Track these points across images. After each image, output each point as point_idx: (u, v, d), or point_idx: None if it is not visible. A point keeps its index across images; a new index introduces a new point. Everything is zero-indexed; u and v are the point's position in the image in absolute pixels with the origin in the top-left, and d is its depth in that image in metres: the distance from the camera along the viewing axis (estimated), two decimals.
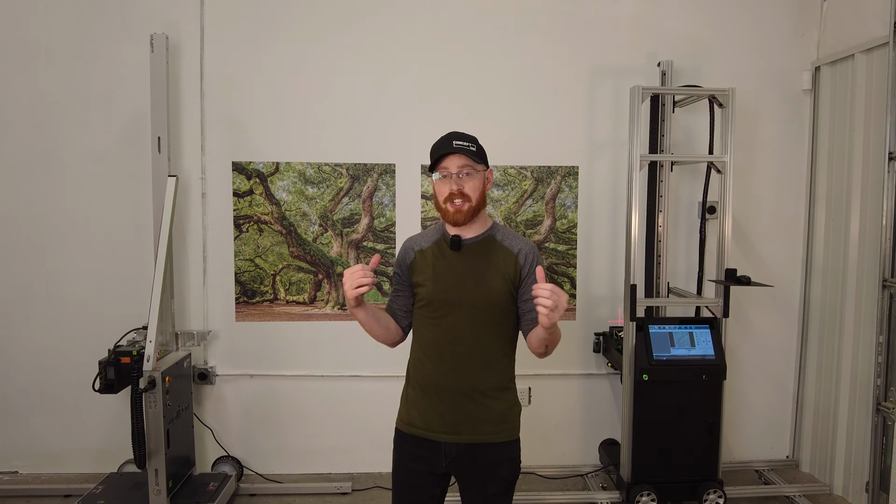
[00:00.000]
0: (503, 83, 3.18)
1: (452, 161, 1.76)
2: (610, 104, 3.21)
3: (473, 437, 1.78)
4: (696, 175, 3.27)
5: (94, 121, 3.10)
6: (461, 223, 1.78)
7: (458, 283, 1.79)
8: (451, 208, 1.77)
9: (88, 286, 3.16)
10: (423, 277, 1.83)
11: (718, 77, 3.21)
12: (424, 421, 1.81)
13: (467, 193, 1.76)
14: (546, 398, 3.33)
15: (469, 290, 1.78)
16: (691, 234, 3.29)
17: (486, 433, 1.79)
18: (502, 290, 1.80)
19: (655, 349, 2.80)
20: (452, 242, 1.80)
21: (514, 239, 1.85)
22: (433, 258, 1.84)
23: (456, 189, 1.76)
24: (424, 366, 1.83)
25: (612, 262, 3.28)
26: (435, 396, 1.80)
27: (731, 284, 2.84)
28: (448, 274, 1.80)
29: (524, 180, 3.21)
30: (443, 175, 1.77)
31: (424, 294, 1.83)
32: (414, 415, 1.84)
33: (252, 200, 3.16)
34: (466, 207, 1.76)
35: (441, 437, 1.79)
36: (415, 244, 1.89)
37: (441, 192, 1.79)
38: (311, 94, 3.14)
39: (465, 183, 1.76)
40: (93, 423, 3.22)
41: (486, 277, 1.79)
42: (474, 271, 1.79)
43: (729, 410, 3.28)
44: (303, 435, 3.28)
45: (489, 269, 1.80)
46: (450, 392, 1.78)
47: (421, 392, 1.83)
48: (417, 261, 1.85)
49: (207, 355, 3.23)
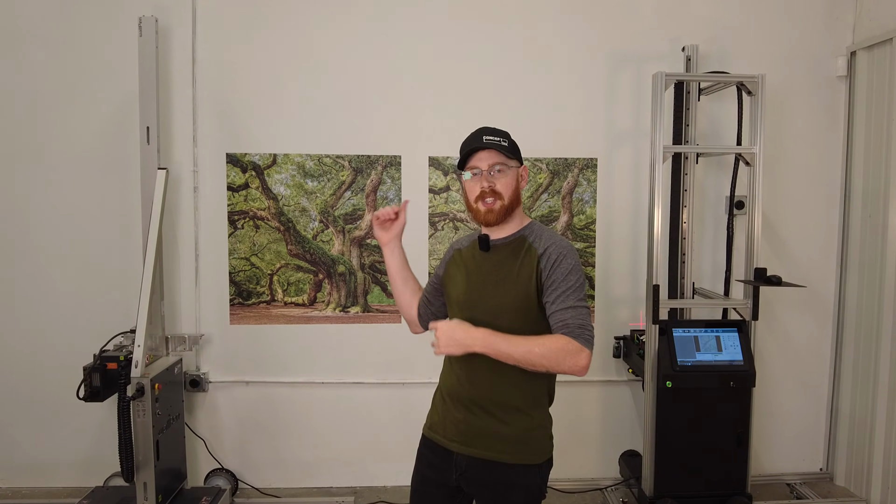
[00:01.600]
0: (517, 69, 3.23)
1: (483, 157, 1.78)
2: (631, 92, 3.26)
3: (486, 453, 1.78)
4: (723, 168, 3.31)
5: (78, 110, 3.14)
6: (493, 223, 1.81)
7: (479, 285, 1.83)
8: (482, 207, 1.79)
9: (72, 287, 3.20)
10: (452, 277, 1.91)
11: (747, 63, 3.25)
12: (442, 427, 1.87)
13: (499, 191, 1.78)
14: (562, 407, 3.30)
15: (488, 293, 1.80)
16: (718, 230, 3.33)
17: (498, 451, 1.78)
18: (522, 295, 1.77)
19: (680, 354, 2.84)
20: (481, 242, 1.85)
21: (543, 238, 1.82)
22: (466, 258, 1.90)
23: (487, 187, 1.77)
24: (450, 373, 1.88)
25: (633, 261, 3.33)
26: (452, 404, 1.85)
27: (760, 285, 2.88)
28: (474, 275, 1.85)
29: (539, 173, 3.25)
30: (473, 173, 1.80)
31: (449, 293, 1.92)
32: (435, 419, 1.91)
33: (248, 195, 3.21)
34: (498, 206, 1.78)
35: (453, 445, 1.82)
36: (456, 244, 1.99)
37: (471, 191, 1.81)
38: (311, 81, 3.18)
39: (496, 180, 1.78)
40: (77, 434, 3.26)
41: (507, 280, 1.79)
42: (498, 273, 1.82)
43: (758, 420, 3.32)
44: (302, 446, 3.32)
45: (513, 271, 1.80)
46: (466, 401, 1.82)
47: (443, 397, 1.90)
48: (454, 260, 1.93)
49: (200, 361, 3.28)
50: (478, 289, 1.83)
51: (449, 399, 1.86)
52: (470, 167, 1.80)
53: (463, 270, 1.89)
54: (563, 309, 1.71)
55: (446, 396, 1.88)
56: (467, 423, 1.81)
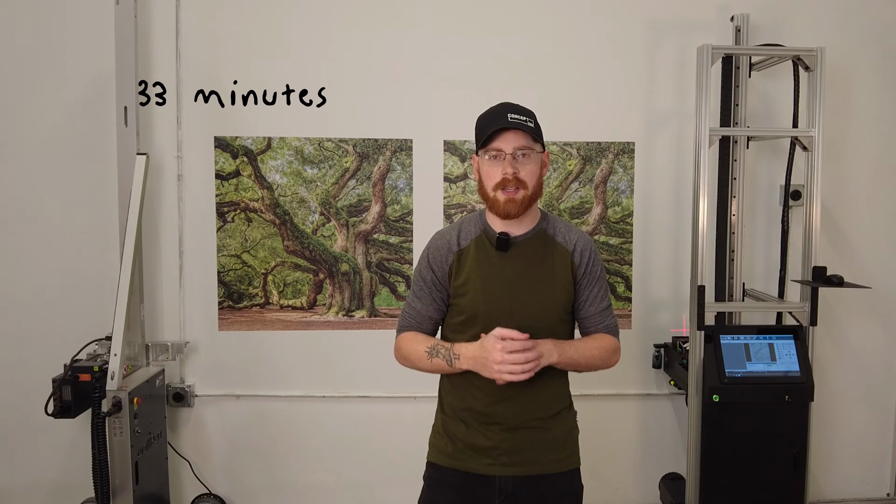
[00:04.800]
0: (544, 41, 3.32)
1: (507, 139, 1.82)
2: (673, 67, 3.34)
3: (534, 469, 1.91)
4: (777, 153, 3.39)
5: (46, 88, 3.22)
6: (514, 215, 1.85)
7: (507, 292, 1.88)
8: (502, 197, 1.82)
9: (39, 288, 3.29)
10: (466, 284, 1.90)
11: (804, 34, 3.32)
12: (472, 452, 1.91)
13: (523, 179, 1.83)
14: (596, 423, 3.43)
15: (522, 301, 1.88)
16: (771, 224, 3.42)
17: (547, 462, 1.93)
18: (560, 299, 1.92)
19: (728, 364, 2.92)
20: (499, 242, 1.88)
21: (568, 232, 1.95)
22: (476, 260, 1.90)
23: (511, 174, 1.81)
24: (467, 391, 1.94)
25: (675, 259, 3.42)
26: (479, 425, 1.91)
27: (819, 286, 2.95)
28: (497, 281, 1.89)
29: (569, 159, 3.36)
30: (493, 156, 1.83)
31: (466, 306, 1.90)
32: (457, 446, 1.95)
33: (239, 184, 3.31)
34: (521, 196, 1.83)
35: (493, 469, 1.90)
36: (451, 241, 1.94)
37: (491, 177, 1.84)
38: (309, 55, 3.27)
39: (521, 166, 1.83)
40: (45, 454, 3.35)
41: (541, 285, 1.89)
42: (527, 277, 1.89)
43: (817, 438, 3.38)
44: (300, 468, 3.42)
45: (545, 273, 1.90)
46: (503, 421, 1.90)
47: (465, 421, 1.95)
48: (455, 264, 1.92)
49: (184, 372, 3.37)
50: (505, 297, 1.87)
51: (474, 421, 1.93)
52: (491, 149, 1.83)
53: (478, 276, 1.89)
54: (604, 309, 1.97)
55: (468, 419, 1.94)
56: (510, 441, 1.90)
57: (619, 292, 3.41)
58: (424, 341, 1.94)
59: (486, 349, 1.78)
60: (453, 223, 2.02)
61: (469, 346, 1.85)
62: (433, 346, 1.91)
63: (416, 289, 1.99)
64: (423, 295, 1.97)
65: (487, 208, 1.92)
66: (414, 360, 1.95)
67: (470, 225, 1.97)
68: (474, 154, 1.93)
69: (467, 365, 1.84)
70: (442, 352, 1.89)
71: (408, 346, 1.96)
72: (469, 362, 1.83)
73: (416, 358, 1.94)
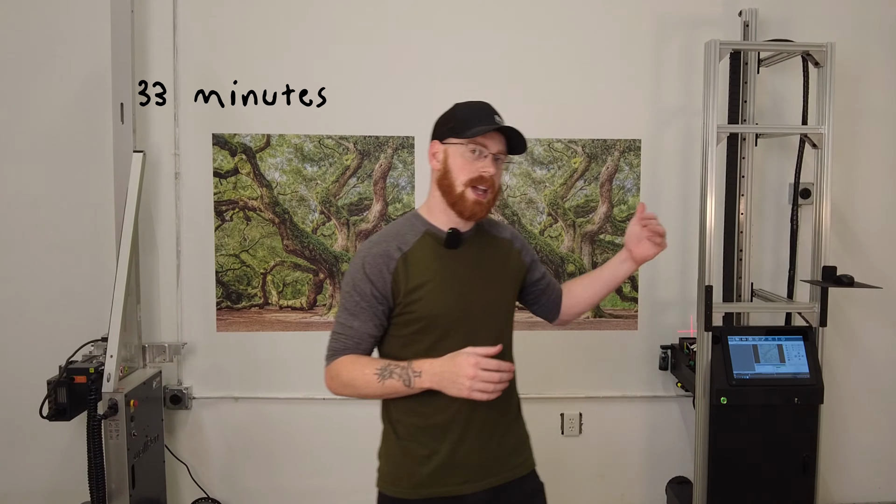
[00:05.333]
0: (548, 37, 3.34)
1: (494, 140, 1.84)
2: (680, 63, 3.37)
3: (505, 477, 1.93)
4: (786, 151, 3.42)
5: (40, 85, 3.25)
6: (477, 217, 1.87)
7: (464, 290, 1.88)
8: (472, 196, 1.82)
9: (34, 289, 3.31)
10: (420, 289, 1.83)
11: (814, 29, 3.34)
12: (440, 474, 1.86)
13: (495, 183, 1.86)
14: (601, 426, 3.50)
15: (480, 295, 1.89)
16: (780, 223, 3.44)
17: (514, 467, 1.96)
18: (512, 291, 2.01)
19: (736, 366, 2.94)
20: (451, 238, 1.87)
21: (498, 226, 2.05)
22: (425, 261, 1.86)
23: (490, 174, 1.83)
24: (425, 407, 1.85)
25: (682, 259, 3.44)
26: (450, 441, 1.86)
27: (829, 286, 2.97)
28: (452, 280, 1.87)
29: (574, 157, 3.38)
30: (475, 151, 1.83)
31: (423, 310, 1.83)
32: (419, 471, 1.88)
33: (237, 182, 3.33)
34: (487, 200, 1.85)
35: (467, 487, 1.87)
36: (390, 248, 1.84)
37: (466, 171, 1.82)
38: (310, 51, 3.30)
39: (497, 170, 1.86)
40: (40, 458, 3.37)
41: (494, 278, 1.95)
42: (480, 273, 1.92)
43: (827, 442, 3.40)
44: (300, 472, 3.43)
45: (494, 266, 1.96)
46: (471, 431, 1.88)
47: (426, 439, 1.88)
48: (401, 269, 1.84)
49: (182, 374, 3.40)
50: (465, 296, 1.87)
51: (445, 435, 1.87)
52: (476, 143, 1.82)
53: (432, 277, 1.85)
54: (546, 276, 2.16)
55: (435, 435, 1.87)
56: (480, 453, 1.89)
57: (624, 292, 3.43)
58: (370, 363, 1.81)
59: (456, 364, 1.70)
60: (381, 232, 1.91)
61: (433, 363, 1.74)
62: (383, 367, 1.78)
63: (351, 306, 1.83)
64: (360, 311, 1.82)
65: (447, 203, 1.86)
66: (359, 386, 1.80)
67: (405, 228, 1.90)
68: (435, 140, 1.91)
69: (430, 383, 1.74)
70: (397, 371, 1.76)
71: (349, 372, 1.81)
72: (432, 379, 1.73)
73: (362, 384, 1.79)
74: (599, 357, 3.46)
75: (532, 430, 3.37)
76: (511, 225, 2.08)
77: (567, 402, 3.47)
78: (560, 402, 3.47)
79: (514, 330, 2.03)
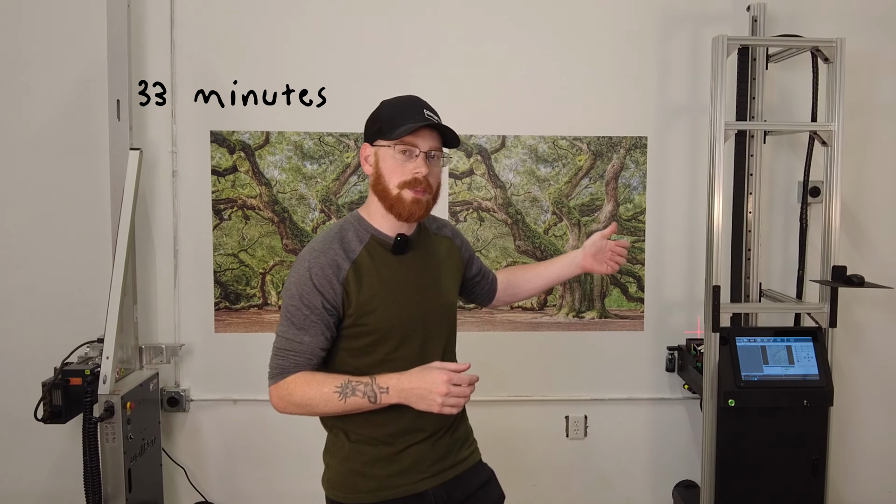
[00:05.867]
0: (552, 32, 3.35)
1: (424, 138, 1.81)
2: (687, 59, 3.38)
3: (458, 469, 1.98)
4: (795, 148, 3.43)
5: (36, 81, 3.26)
6: (417, 219, 1.84)
7: (416, 297, 1.88)
8: (409, 196, 1.79)
9: (29, 289, 3.33)
10: (373, 300, 1.81)
11: (824, 24, 3.35)
12: (397, 473, 1.89)
13: (431, 183, 1.83)
14: (606, 429, 3.52)
15: (432, 301, 1.92)
16: (789, 222, 3.45)
17: (465, 459, 2.01)
18: (456, 289, 2.08)
19: (744, 367, 2.95)
20: (398, 244, 1.85)
21: (440, 224, 2.08)
22: (375, 270, 1.84)
23: (423, 174, 1.80)
24: (381, 415, 1.83)
25: (689, 258, 3.46)
26: (403, 441, 1.89)
27: (839, 286, 2.98)
28: (402, 287, 1.86)
29: (579, 154, 3.39)
30: (405, 152, 1.80)
31: (377, 322, 1.81)
32: (375, 473, 1.88)
33: (236, 180, 3.35)
34: (426, 200, 1.83)
35: (424, 484, 1.90)
36: (337, 256, 1.80)
37: (397, 174, 1.80)
38: (309, 46, 3.31)
39: (431, 168, 1.83)
40: (34, 461, 3.38)
41: (440, 279, 1.97)
42: (428, 276, 1.94)
43: (837, 444, 3.40)
44: (300, 475, 3.42)
45: (440, 267, 1.99)
46: (427, 428, 1.90)
47: (380, 441, 1.88)
48: (352, 279, 1.80)
49: (179, 375, 3.41)
50: (418, 302, 1.88)
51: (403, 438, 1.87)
52: (405, 143, 1.79)
53: (383, 286, 1.83)
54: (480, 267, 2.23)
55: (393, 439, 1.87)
56: (434, 449, 1.92)
57: (630, 293, 3.45)
58: (327, 380, 1.77)
59: (427, 381, 1.70)
60: (323, 237, 1.85)
61: (400, 378, 1.74)
62: (344, 384, 1.74)
63: (299, 320, 1.78)
64: (309, 325, 1.78)
65: (385, 207, 1.83)
66: (316, 404, 1.77)
67: (350, 233, 1.86)
68: (366, 143, 1.90)
69: (397, 398, 1.73)
70: (360, 388, 1.73)
71: (304, 391, 1.76)
72: (401, 395, 1.73)
73: (319, 402, 1.76)
74: (605, 358, 3.47)
75: (536, 433, 3.47)
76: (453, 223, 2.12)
77: (572, 404, 3.49)
78: (565, 404, 3.48)
79: (518, 331, 2.06)
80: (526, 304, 3.37)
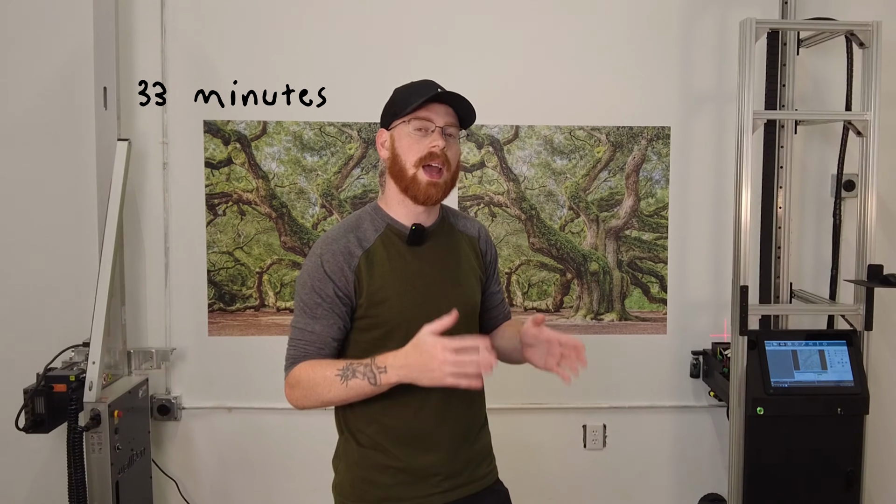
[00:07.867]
0: (569, 16, 3.37)
1: (439, 112, 1.84)
2: (713, 44, 3.41)
3: (474, 487, 1.99)
4: (828, 139, 3.45)
5: (17, 68, 3.28)
6: (435, 201, 1.87)
7: (429, 292, 1.90)
8: (424, 178, 1.82)
9: (10, 289, 3.35)
10: (382, 290, 1.85)
11: (859, 7, 3.37)
12: (409, 484, 1.91)
13: (450, 159, 1.85)
14: (626, 439, 3.54)
15: (447, 297, 1.91)
16: (822, 218, 3.48)
17: (483, 476, 2.02)
18: (478, 291, 2.05)
19: (774, 373, 2.97)
20: (414, 234, 1.88)
21: (464, 219, 2.09)
22: (388, 260, 1.87)
23: (441, 147, 1.82)
24: (394, 413, 1.88)
25: (714, 257, 3.48)
26: (420, 449, 1.91)
27: (875, 286, 3.01)
28: (416, 281, 1.89)
29: (597, 146, 3.42)
30: (420, 128, 1.83)
31: (386, 315, 1.85)
32: (384, 482, 1.91)
33: (231, 173, 3.37)
34: (444, 180, 1.85)
35: (435, 499, 1.92)
36: (350, 244, 1.86)
37: (413, 150, 1.83)
38: (310, 31, 3.34)
39: (449, 145, 1.85)
40: (15, 473, 3.40)
41: (460, 276, 1.98)
42: (446, 271, 1.95)
43: (872, 454, 3.34)
44: (298, 487, 3.47)
45: (461, 264, 1.99)
46: (442, 439, 1.92)
47: (391, 448, 1.90)
48: (364, 267, 1.85)
49: (170, 382, 3.44)
50: (431, 297, 1.89)
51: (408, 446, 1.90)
52: (419, 118, 1.83)
53: (394, 278, 1.87)
54: (502, 292, 2.21)
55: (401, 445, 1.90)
56: (451, 463, 1.94)
57: (652, 293, 3.48)
58: (330, 365, 1.80)
59: (421, 351, 1.68)
60: (340, 226, 1.92)
61: (396, 355, 1.73)
62: (345, 366, 1.77)
63: (311, 309, 1.84)
64: (321, 314, 1.83)
65: (400, 189, 1.87)
66: (322, 391, 1.79)
67: (366, 222, 1.92)
68: (381, 129, 1.94)
69: (397, 377, 1.72)
70: (360, 370, 1.75)
71: (310, 377, 1.80)
72: (400, 372, 1.71)
73: (324, 387, 1.78)
74: (625, 364, 3.50)
75: (552, 443, 3.50)
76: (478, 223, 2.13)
77: (590, 412, 3.51)
78: (582, 412, 3.51)
79: None
80: (541, 305, 3.41)
